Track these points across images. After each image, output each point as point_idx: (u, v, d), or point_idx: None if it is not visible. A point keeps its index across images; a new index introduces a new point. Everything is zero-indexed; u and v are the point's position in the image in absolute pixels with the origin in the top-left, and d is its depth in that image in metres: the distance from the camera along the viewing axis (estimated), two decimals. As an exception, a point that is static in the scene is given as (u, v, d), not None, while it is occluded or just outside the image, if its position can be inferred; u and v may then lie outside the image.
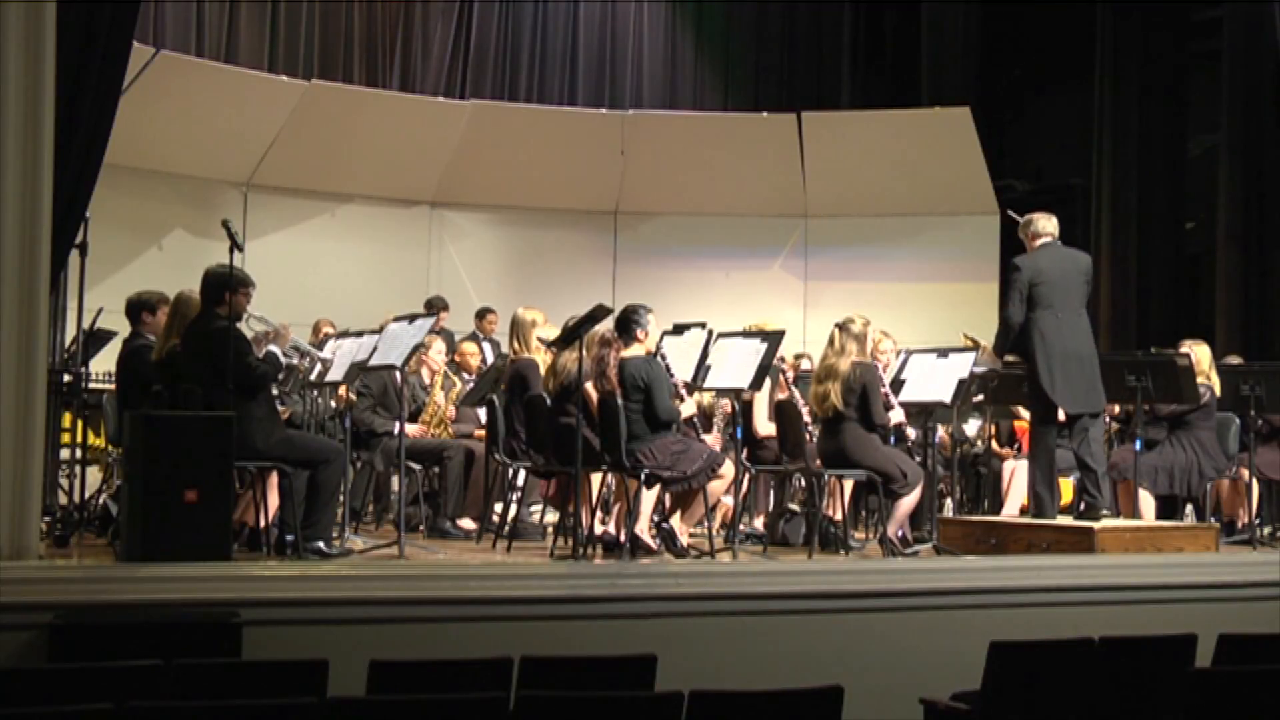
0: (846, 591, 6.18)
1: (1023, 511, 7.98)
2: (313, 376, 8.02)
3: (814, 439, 7.72)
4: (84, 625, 5.00)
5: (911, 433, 8.18)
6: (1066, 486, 8.23)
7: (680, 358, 7.47)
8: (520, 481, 8.29)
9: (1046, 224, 7.44)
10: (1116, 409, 8.59)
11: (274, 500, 6.60)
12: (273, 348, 6.78)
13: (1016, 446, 9.49)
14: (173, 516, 5.67)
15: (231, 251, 6.33)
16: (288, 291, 10.44)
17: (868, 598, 6.18)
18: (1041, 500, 7.29)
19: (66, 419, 8.01)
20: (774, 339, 7.37)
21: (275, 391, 7.38)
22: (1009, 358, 7.65)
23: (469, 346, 9.72)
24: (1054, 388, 7.19)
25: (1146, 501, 8.03)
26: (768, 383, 7.85)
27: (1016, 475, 8.78)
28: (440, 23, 13.53)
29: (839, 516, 7.70)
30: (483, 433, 8.55)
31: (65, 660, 4.73)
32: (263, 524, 6.53)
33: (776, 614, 6.00)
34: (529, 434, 7.71)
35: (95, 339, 8.17)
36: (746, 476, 7.93)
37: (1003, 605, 6.31)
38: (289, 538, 6.54)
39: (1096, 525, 7.03)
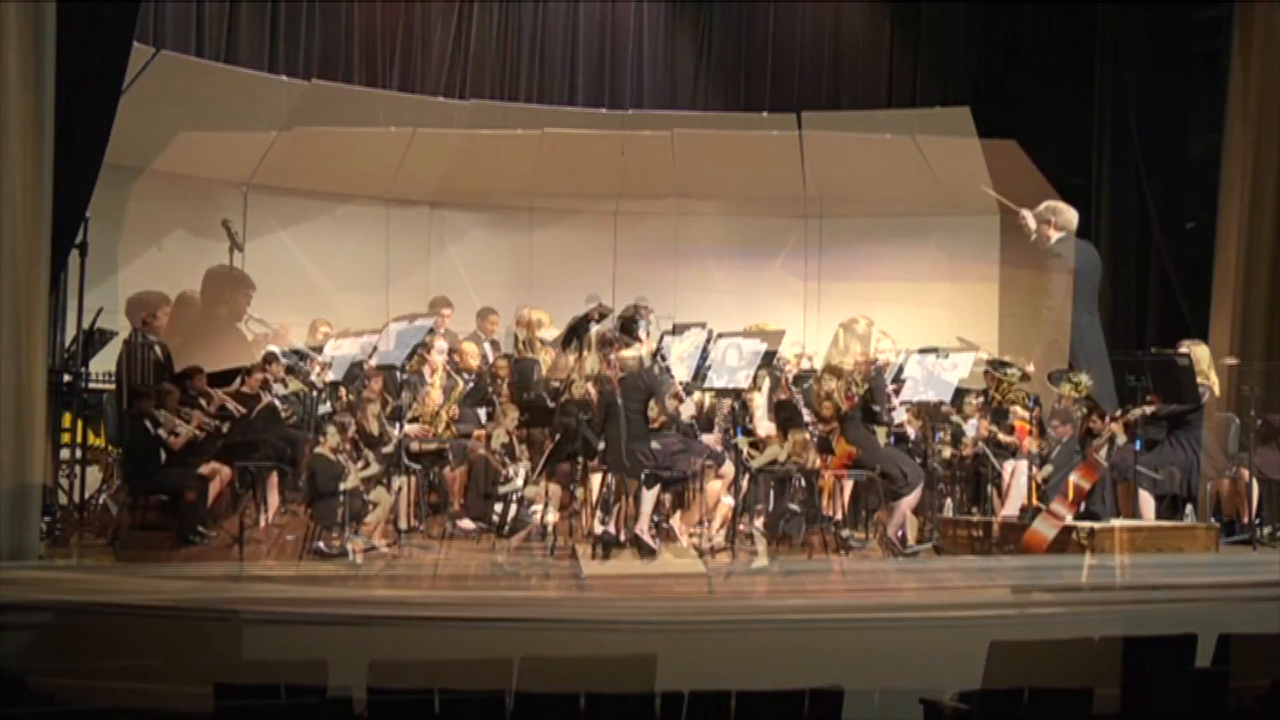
0: (846, 592, 6.17)
1: (1023, 511, 7.97)
2: (312, 377, 8.01)
3: (814, 439, 7.72)
4: (84, 625, 5.00)
5: (912, 433, 8.17)
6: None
7: (680, 358, 7.46)
8: (520, 482, 8.28)
9: (1071, 217, 7.34)
10: (1119, 410, 8.57)
11: (274, 500, 6.61)
12: (273, 347, 6.79)
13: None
14: (172, 516, 5.67)
15: (231, 251, 6.35)
16: (288, 291, 10.42)
17: (868, 599, 6.18)
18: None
19: (66, 419, 8.00)
20: (774, 339, 7.37)
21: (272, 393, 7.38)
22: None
23: (469, 346, 9.70)
24: (1096, 389, 7.13)
25: (1146, 501, 8.03)
26: (767, 383, 7.85)
27: (1016, 475, 8.77)
28: (440, 23, 13.50)
29: (839, 516, 7.70)
30: (483, 433, 8.55)
31: (65, 660, 4.73)
32: (263, 524, 6.53)
33: (776, 615, 6.00)
34: (530, 434, 7.70)
35: (95, 339, 8.16)
36: (746, 476, 7.92)
37: (1003, 605, 6.30)
38: (289, 537, 6.54)
39: (1097, 525, 7.03)
